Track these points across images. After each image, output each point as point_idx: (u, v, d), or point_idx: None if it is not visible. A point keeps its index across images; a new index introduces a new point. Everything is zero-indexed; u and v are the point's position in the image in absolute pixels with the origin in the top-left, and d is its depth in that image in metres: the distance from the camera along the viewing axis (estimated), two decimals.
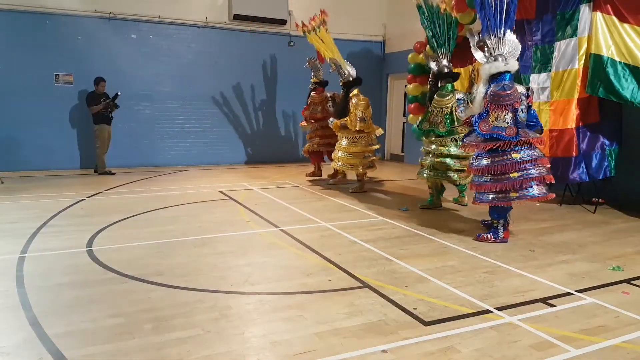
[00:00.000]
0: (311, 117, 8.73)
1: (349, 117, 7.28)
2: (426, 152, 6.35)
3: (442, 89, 6.08)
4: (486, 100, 4.67)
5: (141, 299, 3.31)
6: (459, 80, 6.65)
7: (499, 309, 3.23)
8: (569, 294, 3.54)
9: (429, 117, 6.15)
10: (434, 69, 6.17)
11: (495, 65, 4.68)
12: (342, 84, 7.71)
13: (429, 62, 6.30)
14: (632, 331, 2.94)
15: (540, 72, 6.72)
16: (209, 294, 3.41)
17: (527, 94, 4.71)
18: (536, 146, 4.69)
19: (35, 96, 9.01)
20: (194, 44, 10.35)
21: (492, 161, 4.65)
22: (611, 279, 3.85)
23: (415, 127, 6.70)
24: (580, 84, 6.26)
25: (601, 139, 6.29)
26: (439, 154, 6.14)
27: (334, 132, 7.85)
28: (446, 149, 6.11)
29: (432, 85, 6.24)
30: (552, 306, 3.30)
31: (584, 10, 6.17)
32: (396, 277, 3.81)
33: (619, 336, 2.87)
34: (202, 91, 10.46)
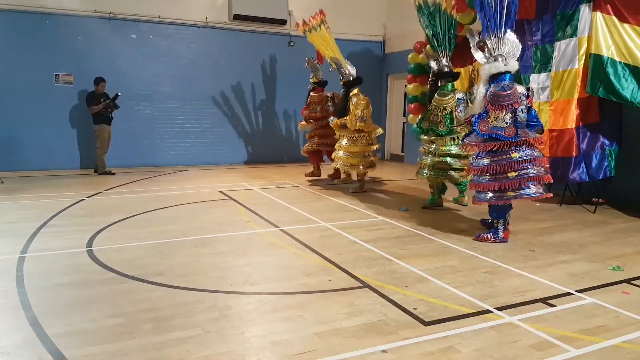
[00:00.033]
0: (311, 116, 8.74)
1: (349, 116, 7.29)
2: (426, 152, 6.34)
3: (442, 88, 6.08)
4: (486, 100, 4.67)
5: (141, 299, 3.31)
6: (459, 80, 6.65)
7: (499, 309, 3.23)
8: (569, 294, 3.54)
9: (428, 115, 6.16)
10: (434, 68, 6.17)
11: (495, 65, 4.67)
12: (342, 84, 7.72)
13: (429, 61, 6.30)
14: (632, 331, 2.94)
15: (540, 72, 6.72)
16: (209, 294, 3.41)
17: (527, 94, 4.71)
18: (536, 146, 4.70)
19: (35, 96, 9.02)
20: (194, 44, 10.35)
21: (491, 160, 4.65)
22: (611, 279, 3.86)
23: (415, 127, 6.70)
24: (580, 84, 6.27)
25: (601, 139, 6.29)
26: (439, 154, 6.14)
27: (334, 132, 7.86)
28: (447, 148, 6.11)
29: (432, 84, 6.24)
30: (552, 306, 3.31)
31: (584, 10, 6.17)
32: (396, 277, 3.81)
33: (619, 336, 2.87)
34: (202, 91, 10.46)
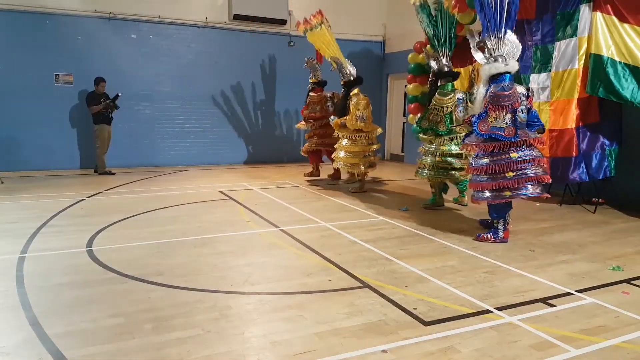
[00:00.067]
0: (310, 116, 8.74)
1: (349, 116, 7.29)
2: (425, 152, 6.34)
3: (442, 88, 6.08)
4: (486, 100, 4.67)
5: (141, 299, 3.31)
6: (459, 80, 6.65)
7: (499, 309, 3.23)
8: (569, 294, 3.54)
9: (428, 115, 6.15)
10: (434, 68, 6.17)
11: (495, 66, 4.67)
12: (343, 84, 7.71)
13: (429, 60, 6.30)
14: (632, 331, 2.94)
15: (540, 72, 6.72)
16: (209, 294, 3.41)
17: (527, 95, 4.71)
18: (535, 146, 4.70)
19: (35, 96, 9.02)
20: (194, 44, 10.35)
21: (490, 160, 4.66)
22: (611, 279, 3.86)
23: (415, 127, 6.70)
24: (580, 84, 6.26)
25: (601, 139, 6.29)
26: (440, 154, 6.14)
27: (333, 131, 7.85)
28: (447, 148, 6.10)
29: (432, 84, 6.24)
30: (552, 306, 3.31)
31: (584, 10, 6.17)
32: (396, 277, 3.81)
33: (619, 336, 2.87)
34: (202, 91, 10.46)
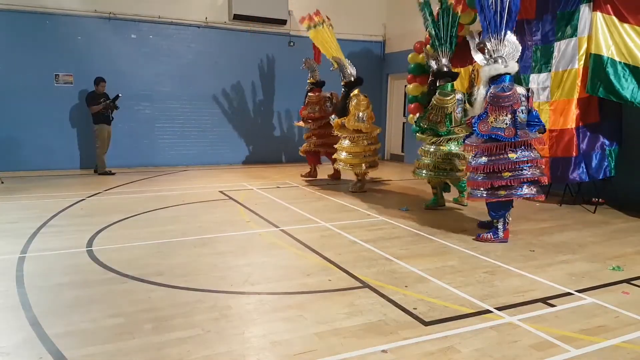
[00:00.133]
0: (309, 117, 8.73)
1: (348, 116, 7.28)
2: (425, 152, 6.33)
3: (442, 88, 6.07)
4: (486, 101, 4.67)
5: (141, 299, 3.31)
6: (458, 80, 6.64)
7: (499, 309, 3.23)
8: (569, 294, 3.54)
9: (428, 115, 6.15)
10: (434, 68, 6.17)
11: (495, 67, 4.67)
12: (343, 84, 7.71)
13: (429, 60, 6.29)
14: (632, 331, 2.94)
15: (540, 72, 6.72)
16: (209, 294, 3.41)
17: (527, 95, 4.71)
18: (534, 147, 4.70)
19: (35, 96, 9.02)
20: (194, 44, 10.35)
21: (489, 160, 4.67)
22: (611, 279, 3.86)
23: (415, 127, 6.70)
24: (580, 84, 6.27)
25: (601, 139, 6.29)
26: (440, 154, 6.13)
27: (332, 132, 7.85)
28: (447, 148, 6.10)
29: (432, 84, 6.24)
30: (552, 306, 3.31)
31: (584, 10, 6.17)
32: (396, 277, 3.81)
33: (619, 336, 2.87)
34: (202, 91, 10.46)
